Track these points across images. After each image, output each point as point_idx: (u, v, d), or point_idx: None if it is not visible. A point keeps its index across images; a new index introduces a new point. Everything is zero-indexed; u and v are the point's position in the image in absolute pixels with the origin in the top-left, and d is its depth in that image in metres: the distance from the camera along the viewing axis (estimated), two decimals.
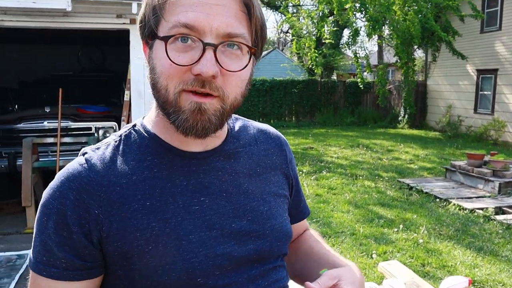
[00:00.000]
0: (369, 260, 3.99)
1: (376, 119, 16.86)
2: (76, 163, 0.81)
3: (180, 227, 0.79)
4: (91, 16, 4.68)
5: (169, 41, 0.73)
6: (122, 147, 0.84)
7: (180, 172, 0.82)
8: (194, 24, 0.72)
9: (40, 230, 0.79)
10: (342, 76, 24.77)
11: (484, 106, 13.84)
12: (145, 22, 0.79)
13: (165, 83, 0.75)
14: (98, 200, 0.77)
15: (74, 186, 0.78)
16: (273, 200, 0.91)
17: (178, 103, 0.75)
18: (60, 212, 0.77)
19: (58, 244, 0.77)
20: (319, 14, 13.31)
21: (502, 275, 3.74)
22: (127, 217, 0.77)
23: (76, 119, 6.01)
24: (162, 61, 0.75)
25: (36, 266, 0.79)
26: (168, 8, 0.74)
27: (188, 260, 0.77)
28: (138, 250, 0.76)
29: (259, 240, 0.85)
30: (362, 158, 9.43)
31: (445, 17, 13.40)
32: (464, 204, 5.73)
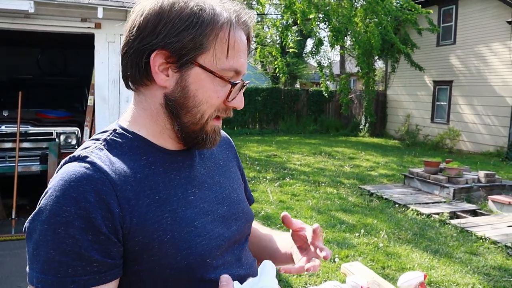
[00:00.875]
0: (332, 264, 4.10)
1: (338, 128, 17.23)
2: (80, 168, 0.79)
3: (186, 215, 0.86)
4: (54, 19, 4.59)
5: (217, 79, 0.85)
6: (114, 150, 0.86)
7: (172, 167, 0.89)
8: (241, 70, 0.87)
9: (57, 242, 0.74)
10: (305, 84, 25.21)
11: (440, 116, 14.44)
12: (195, 44, 0.82)
13: (205, 110, 0.86)
14: (116, 199, 0.78)
15: (90, 189, 0.77)
16: (238, 188, 1.06)
17: (206, 127, 0.88)
18: (81, 217, 0.75)
19: (87, 249, 0.74)
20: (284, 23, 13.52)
21: (456, 275, 3.93)
22: (143, 212, 0.81)
23: (36, 123, 5.84)
24: (209, 93, 0.85)
25: (60, 283, 0.73)
26: (220, 45, 0.83)
27: (199, 243, 0.85)
28: (159, 240, 0.81)
29: (237, 222, 0.98)
30: (325, 166, 9.62)
31: (404, 30, 13.92)
32: (422, 209, 5.97)
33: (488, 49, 12.56)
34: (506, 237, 4.88)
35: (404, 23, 13.73)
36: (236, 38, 0.84)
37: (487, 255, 4.47)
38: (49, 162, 4.99)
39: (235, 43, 0.84)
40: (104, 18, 4.56)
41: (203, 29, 0.81)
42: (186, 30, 0.81)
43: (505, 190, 6.91)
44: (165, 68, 0.84)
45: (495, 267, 4.15)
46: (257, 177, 8.03)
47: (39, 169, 5.33)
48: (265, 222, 5.33)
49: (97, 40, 4.78)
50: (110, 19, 4.71)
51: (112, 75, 4.86)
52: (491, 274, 4.00)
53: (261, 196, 6.65)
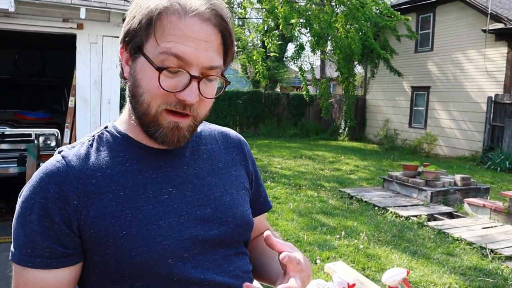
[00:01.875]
0: (313, 266, 4.14)
1: (318, 132, 17.39)
2: (53, 161, 0.88)
3: (151, 213, 0.87)
4: (35, 19, 4.54)
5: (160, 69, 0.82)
6: (96, 145, 0.92)
7: (149, 166, 0.91)
8: (184, 56, 0.81)
9: (23, 224, 0.84)
10: (285, 88, 25.34)
11: (418, 120, 14.73)
12: (134, 34, 0.85)
13: (149, 100, 0.85)
14: (76, 192, 0.84)
15: (54, 180, 0.84)
16: (235, 192, 1.01)
17: (158, 119, 0.86)
18: (42, 205, 0.83)
19: (42, 234, 0.82)
20: (266, 27, 13.61)
21: (433, 276, 4.02)
22: (102, 206, 0.84)
23: (15, 125, 5.73)
24: (150, 81, 0.83)
25: (20, 259, 0.83)
26: (161, 31, 0.82)
27: (159, 243, 0.85)
28: (113, 235, 0.84)
29: (222, 226, 0.94)
30: (305, 169, 9.70)
31: (383, 36, 14.19)
32: (400, 212, 6.08)
33: (464, 56, 12.89)
34: (481, 238, 5.02)
35: (384, 30, 13.99)
36: (178, 22, 0.81)
37: (463, 255, 4.59)
38: (27, 164, 4.91)
39: (175, 27, 0.81)
40: (86, 18, 4.54)
41: (139, 18, 0.83)
42: (128, 22, 0.86)
43: (480, 193, 7.10)
44: (129, 62, 0.88)
45: (470, 267, 4.27)
46: None
47: (17, 171, 5.23)
48: None
49: (79, 41, 4.74)
50: (93, 20, 4.69)
51: (94, 76, 4.83)
52: (467, 274, 4.11)
53: None
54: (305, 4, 13.11)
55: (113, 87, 4.95)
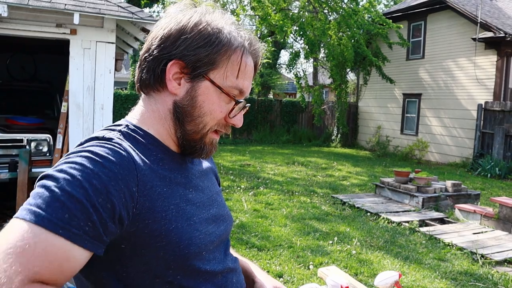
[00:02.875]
0: (307, 271, 4.15)
1: (310, 138, 17.45)
2: (109, 145, 0.85)
3: (186, 210, 0.93)
4: (28, 24, 4.53)
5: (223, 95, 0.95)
6: (131, 140, 0.93)
7: (175, 167, 0.98)
8: (245, 90, 0.97)
9: (69, 187, 0.75)
10: (278, 95, 25.42)
11: (410, 127, 14.85)
12: (209, 60, 0.92)
13: (207, 121, 0.95)
14: (135, 179, 0.84)
15: (117, 162, 0.82)
16: (219, 193, 1.15)
17: (204, 138, 0.97)
18: (102, 180, 0.78)
19: (92, 207, 0.76)
20: (259, 34, 13.68)
21: (425, 280, 4.05)
22: (154, 199, 0.87)
23: (6, 130, 5.69)
24: (214, 106, 0.94)
25: (51, 222, 0.72)
26: (232, 65, 0.94)
27: (197, 237, 0.93)
28: (165, 228, 0.87)
29: (224, 223, 1.07)
30: (298, 175, 9.72)
31: (375, 43, 14.32)
32: (392, 217, 6.12)
33: (455, 64, 13.05)
34: (471, 243, 5.06)
35: (376, 37, 14.13)
36: (246, 62, 0.96)
37: (454, 261, 4.62)
38: (19, 170, 4.87)
39: (245, 66, 0.95)
40: (80, 24, 4.54)
41: (218, 49, 0.92)
42: (203, 47, 0.91)
43: (471, 199, 7.17)
44: (178, 77, 0.94)
45: (461, 272, 4.30)
46: (232, 186, 8.05)
47: (8, 176, 5.19)
48: (240, 230, 5.36)
49: (72, 46, 4.74)
50: (86, 25, 4.69)
51: (87, 81, 4.82)
52: (458, 279, 4.14)
53: (236, 205, 6.67)
54: (298, 11, 13.20)
55: (106, 93, 4.95)
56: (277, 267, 4.22)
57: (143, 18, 4.80)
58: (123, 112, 12.37)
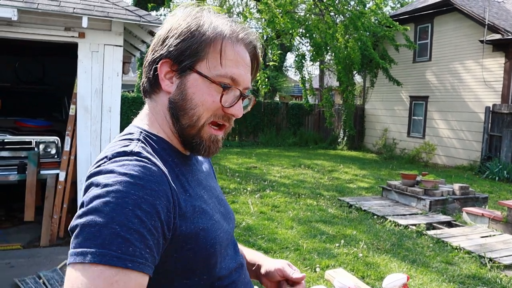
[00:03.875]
0: (313, 274, 4.15)
1: (317, 141, 17.42)
2: (138, 161, 0.83)
3: (207, 210, 0.96)
4: (37, 27, 4.57)
5: (214, 84, 0.93)
6: (149, 148, 0.91)
7: (188, 170, 1.00)
8: (237, 78, 0.94)
9: (125, 220, 0.74)
10: (284, 98, 25.43)
11: (416, 130, 14.78)
12: (189, 52, 0.93)
13: (200, 113, 0.94)
14: (170, 191, 0.85)
15: (154, 179, 0.81)
16: (221, 192, 1.17)
17: (201, 133, 0.95)
18: (148, 202, 0.77)
19: (148, 233, 0.76)
20: (266, 37, 13.69)
21: (432, 284, 4.03)
22: (183, 205, 0.89)
23: (15, 132, 5.75)
24: (205, 97, 0.93)
25: (120, 259, 0.72)
26: (217, 55, 0.93)
27: (219, 235, 0.96)
28: (195, 231, 0.89)
29: (231, 221, 1.10)
30: (304, 178, 9.72)
31: (382, 46, 14.27)
32: (399, 220, 6.09)
33: (462, 66, 12.98)
34: (479, 247, 5.03)
35: (382, 39, 14.09)
36: (232, 49, 0.94)
37: (462, 264, 4.60)
38: (28, 172, 4.92)
39: (230, 53, 0.93)
40: (88, 27, 4.57)
41: (200, 39, 0.92)
42: (185, 40, 0.93)
43: (478, 202, 7.12)
44: (170, 76, 0.95)
45: (469, 276, 4.27)
46: (238, 188, 8.06)
47: (17, 178, 5.24)
48: (246, 233, 5.36)
49: (81, 49, 4.78)
50: (95, 28, 4.73)
51: (95, 84, 4.85)
52: (465, 282, 4.11)
53: (242, 207, 6.68)
54: (304, 14, 13.21)
55: (114, 95, 4.97)
56: None
57: (151, 21, 4.83)
58: (130, 114, 12.43)
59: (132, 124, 1.01)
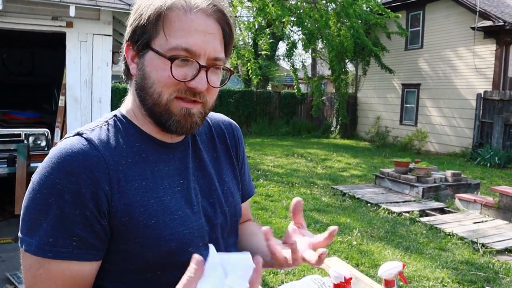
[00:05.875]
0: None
1: (310, 130, 17.42)
2: (78, 143, 0.84)
3: (171, 204, 0.90)
4: (24, 17, 4.48)
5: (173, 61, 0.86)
6: (113, 131, 0.92)
7: (162, 158, 0.94)
8: (192, 49, 0.86)
9: (46, 210, 0.79)
10: (276, 87, 25.34)
11: (409, 118, 14.82)
12: (142, 31, 0.89)
13: (159, 89, 0.88)
14: (107, 178, 0.83)
15: (83, 164, 0.81)
16: (230, 181, 1.07)
17: (169, 107, 0.88)
18: (73, 191, 0.79)
19: (72, 222, 0.79)
20: (256, 26, 13.58)
21: (426, 270, 4.05)
22: (131, 194, 0.85)
23: (4, 125, 5.66)
24: (160, 72, 0.87)
25: (40, 249, 0.78)
26: (169, 28, 0.87)
27: (182, 232, 0.89)
28: (144, 224, 0.85)
29: (223, 216, 1.00)
30: (298, 167, 9.71)
31: (374, 33, 14.22)
32: (393, 208, 6.11)
33: (454, 53, 12.99)
34: (472, 233, 5.06)
35: (374, 27, 14.03)
36: (185, 18, 0.86)
37: (455, 250, 4.62)
38: (17, 164, 4.85)
39: (182, 23, 0.86)
40: (76, 17, 4.49)
41: (146, 16, 0.88)
42: (136, 20, 0.90)
43: (471, 188, 7.16)
44: (136, 60, 0.92)
45: (462, 261, 4.30)
46: None
47: (6, 171, 5.16)
48: None
49: (69, 39, 4.69)
50: (83, 18, 4.64)
51: (84, 75, 4.78)
52: (459, 268, 4.14)
53: None
54: (296, 2, 13.10)
55: (104, 86, 4.91)
56: None
57: None
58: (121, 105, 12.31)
59: (119, 108, 1.00)
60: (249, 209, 1.26)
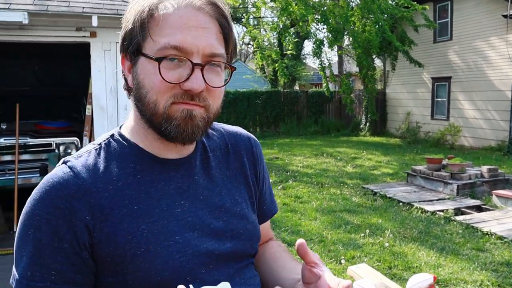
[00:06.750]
0: (338, 266, 4.05)
1: (339, 128, 17.19)
2: (60, 172, 0.80)
3: (167, 228, 0.82)
4: (49, 29, 4.57)
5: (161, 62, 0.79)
6: (104, 154, 0.86)
7: (161, 177, 0.86)
8: (183, 45, 0.78)
9: (26, 242, 0.77)
10: (304, 86, 25.18)
11: (440, 112, 14.40)
12: (130, 38, 0.82)
13: (155, 98, 0.80)
14: (88, 207, 0.78)
15: (63, 194, 0.77)
16: (243, 202, 0.97)
17: (169, 113, 0.80)
18: (49, 222, 0.76)
19: (49, 256, 0.75)
20: (281, 26, 13.51)
21: (463, 273, 3.87)
22: (117, 222, 0.79)
23: (35, 135, 5.81)
24: (152, 78, 0.80)
25: (20, 282, 0.76)
26: (156, 28, 0.79)
27: (178, 259, 0.81)
28: (131, 253, 0.78)
29: (234, 239, 0.91)
30: (327, 166, 9.58)
31: (400, 27, 13.91)
32: (426, 207, 5.92)
33: (486, 43, 12.53)
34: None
35: (401, 21, 13.71)
36: (171, 16, 0.79)
37: (494, 251, 4.42)
38: None
39: (170, 21, 0.79)
40: (99, 26, 4.54)
41: (131, 19, 0.82)
42: (124, 29, 0.84)
43: (509, 184, 6.86)
44: (132, 70, 0.85)
45: (502, 263, 4.10)
46: None
47: (39, 181, 5.26)
48: None
49: (93, 48, 4.76)
50: (105, 27, 4.69)
51: (109, 83, 4.84)
52: (499, 270, 3.94)
53: None
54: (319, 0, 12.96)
55: None
56: None
57: None
58: None
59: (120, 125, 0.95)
60: (270, 228, 1.16)
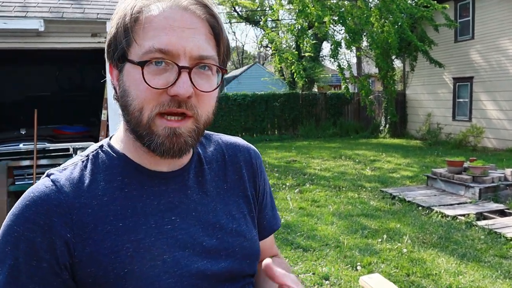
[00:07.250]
0: (354, 272, 3.96)
1: (357, 130, 17.00)
2: (42, 186, 0.76)
3: (154, 247, 0.77)
4: (65, 36, 4.63)
5: (144, 66, 0.74)
6: (91, 167, 0.81)
7: (150, 192, 0.81)
8: (168, 48, 0.73)
9: (4, 259, 0.72)
10: (322, 88, 24.99)
11: (462, 113, 14.09)
12: (115, 44, 0.78)
13: (140, 106, 0.75)
14: (70, 223, 0.74)
15: (43, 210, 0.73)
16: (242, 217, 0.91)
17: (152, 127, 0.76)
18: (28, 240, 0.72)
19: (27, 275, 0.71)
20: (298, 28, 13.44)
21: (485, 281, 3.74)
22: (100, 240, 0.74)
23: (53, 140, 5.90)
24: (138, 85, 0.75)
25: None
26: (140, 32, 0.75)
27: (165, 281, 0.76)
28: (114, 274, 0.74)
29: (229, 258, 0.85)
30: (345, 169, 9.46)
31: (420, 27, 13.68)
32: (446, 211, 5.76)
33: (510, 42, 12.20)
34: None
35: (420, 20, 13.49)
36: (154, 18, 0.74)
37: None
38: None
39: (153, 23, 0.74)
40: None
41: (115, 24, 0.78)
42: (109, 34, 0.80)
43: None
44: (117, 79, 0.81)
45: None
46: (277, 184, 7.94)
47: None
48: (285, 230, 5.23)
49: None
50: None
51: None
52: None
53: (281, 203, 6.54)
54: (336, 1, 12.85)
55: None
56: (323, 268, 4.06)
57: None
58: None
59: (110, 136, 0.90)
60: (273, 244, 1.10)
